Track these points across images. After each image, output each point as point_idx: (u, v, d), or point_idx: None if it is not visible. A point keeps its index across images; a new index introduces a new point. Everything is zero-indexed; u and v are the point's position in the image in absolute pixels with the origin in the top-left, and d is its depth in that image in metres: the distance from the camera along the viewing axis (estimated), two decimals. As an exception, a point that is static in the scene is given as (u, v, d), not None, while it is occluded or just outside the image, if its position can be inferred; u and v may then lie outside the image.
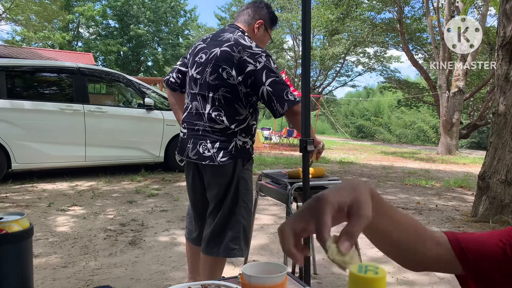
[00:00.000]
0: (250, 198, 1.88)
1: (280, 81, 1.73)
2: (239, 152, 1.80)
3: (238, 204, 1.82)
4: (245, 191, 1.84)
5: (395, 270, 2.78)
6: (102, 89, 13.91)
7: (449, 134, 13.80)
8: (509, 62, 4.22)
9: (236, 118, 1.78)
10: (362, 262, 0.54)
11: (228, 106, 1.77)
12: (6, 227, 0.84)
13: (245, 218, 1.84)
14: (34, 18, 17.21)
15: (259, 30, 1.90)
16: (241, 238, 1.82)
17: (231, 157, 1.78)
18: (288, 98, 1.73)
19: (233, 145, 1.79)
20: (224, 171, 1.81)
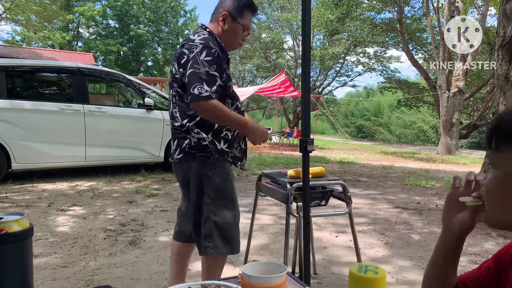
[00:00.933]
0: (223, 194, 1.78)
1: (198, 73, 1.62)
2: (194, 149, 1.75)
3: (204, 201, 1.77)
4: (213, 189, 1.76)
5: (395, 270, 2.79)
6: (102, 89, 13.91)
7: (449, 134, 13.80)
8: (509, 62, 4.22)
9: (187, 113, 1.74)
10: (362, 262, 0.54)
11: (181, 101, 1.76)
12: (6, 227, 0.84)
13: (217, 215, 1.76)
14: (34, 18, 17.21)
15: (225, 22, 1.79)
16: (214, 236, 1.76)
17: (185, 154, 1.75)
18: (193, 92, 1.60)
19: (187, 142, 1.76)
20: (181, 169, 1.81)
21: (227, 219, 1.78)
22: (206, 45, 1.67)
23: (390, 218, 4.29)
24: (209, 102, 1.61)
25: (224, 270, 2.67)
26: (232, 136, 1.82)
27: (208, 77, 1.63)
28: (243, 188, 5.72)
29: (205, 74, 1.63)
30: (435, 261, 0.84)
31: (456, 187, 0.81)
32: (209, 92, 1.60)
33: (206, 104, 1.61)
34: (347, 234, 3.56)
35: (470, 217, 0.77)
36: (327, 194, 2.29)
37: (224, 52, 1.81)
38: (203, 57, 1.65)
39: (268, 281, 0.84)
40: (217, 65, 1.67)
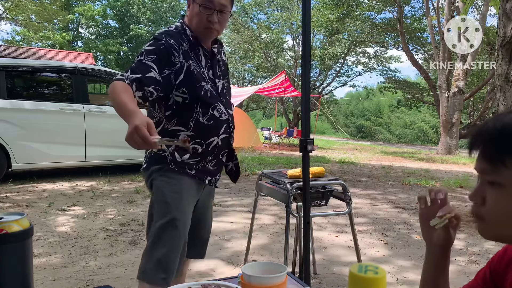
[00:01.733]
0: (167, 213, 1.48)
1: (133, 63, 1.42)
2: (153, 160, 1.55)
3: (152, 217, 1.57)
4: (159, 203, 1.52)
5: (395, 270, 2.79)
6: (102, 89, 13.91)
7: (449, 134, 13.80)
8: (509, 62, 4.22)
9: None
10: (362, 262, 0.54)
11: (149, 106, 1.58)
12: (6, 227, 0.84)
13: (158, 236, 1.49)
14: (34, 18, 17.21)
15: (190, 8, 1.53)
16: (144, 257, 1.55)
17: (147, 163, 1.58)
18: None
19: (148, 151, 1.58)
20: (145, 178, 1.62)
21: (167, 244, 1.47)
22: (156, 36, 1.47)
23: (390, 218, 4.29)
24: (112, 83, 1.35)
25: (224, 270, 2.68)
26: (205, 150, 1.54)
27: (136, 64, 1.39)
28: (243, 188, 5.72)
29: (136, 62, 1.40)
30: (426, 275, 0.87)
31: (423, 207, 0.84)
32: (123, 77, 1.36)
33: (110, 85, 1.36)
34: (347, 234, 3.56)
35: (444, 234, 0.80)
36: (327, 194, 2.29)
37: (199, 44, 1.54)
38: (146, 46, 1.44)
39: (268, 281, 0.84)
40: (159, 56, 1.40)
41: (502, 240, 0.74)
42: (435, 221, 0.78)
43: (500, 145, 0.66)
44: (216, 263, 2.80)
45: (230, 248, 3.14)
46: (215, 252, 3.00)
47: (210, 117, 1.53)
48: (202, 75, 1.52)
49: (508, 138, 0.65)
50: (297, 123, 21.89)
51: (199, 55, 1.54)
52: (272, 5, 25.21)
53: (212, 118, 1.53)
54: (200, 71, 1.51)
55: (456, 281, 2.62)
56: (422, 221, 0.85)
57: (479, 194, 0.70)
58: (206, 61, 1.56)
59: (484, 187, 0.69)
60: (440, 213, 0.78)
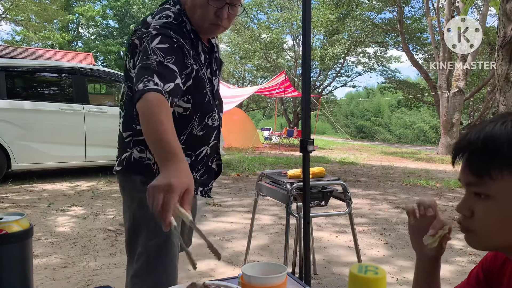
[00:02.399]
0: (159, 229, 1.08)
1: (146, 65, 1.08)
2: (133, 166, 1.34)
3: (138, 233, 1.30)
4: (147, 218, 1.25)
5: (395, 270, 2.79)
6: (102, 89, 13.91)
7: (449, 134, 13.80)
8: (509, 62, 4.22)
9: (132, 125, 1.33)
10: (362, 262, 0.54)
11: (128, 106, 1.34)
12: (6, 227, 0.84)
13: (151, 255, 1.27)
14: (34, 18, 17.22)
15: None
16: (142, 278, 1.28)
17: (122, 168, 1.38)
18: (138, 87, 1.03)
19: (126, 155, 1.37)
20: (118, 182, 1.42)
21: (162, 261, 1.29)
22: (162, 31, 1.16)
23: (390, 218, 4.29)
24: (149, 94, 1.01)
25: (224, 270, 2.68)
26: (194, 161, 1.35)
27: (160, 67, 1.08)
28: (243, 188, 5.72)
29: (158, 65, 1.08)
30: (418, 277, 0.86)
31: (412, 221, 0.83)
32: (159, 87, 1.03)
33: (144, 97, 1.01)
34: (347, 234, 3.56)
35: (436, 247, 0.79)
36: (327, 194, 2.29)
37: (198, 40, 1.29)
38: (156, 44, 1.12)
39: (268, 282, 0.84)
40: (176, 57, 1.13)
41: (491, 249, 0.74)
42: (428, 240, 0.77)
43: (485, 157, 0.65)
44: (216, 263, 2.80)
45: (230, 248, 3.14)
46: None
47: (204, 127, 1.34)
48: (204, 78, 1.30)
49: (492, 150, 0.64)
50: (297, 123, 21.88)
51: (199, 53, 1.29)
52: (272, 5, 25.20)
53: (205, 127, 1.35)
54: (202, 73, 1.29)
55: (456, 281, 2.62)
56: (412, 232, 0.84)
57: (467, 207, 0.69)
58: (205, 58, 1.32)
59: (471, 199, 0.69)
60: (432, 231, 0.76)
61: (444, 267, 2.86)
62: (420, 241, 0.79)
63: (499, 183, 0.64)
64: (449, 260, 3.01)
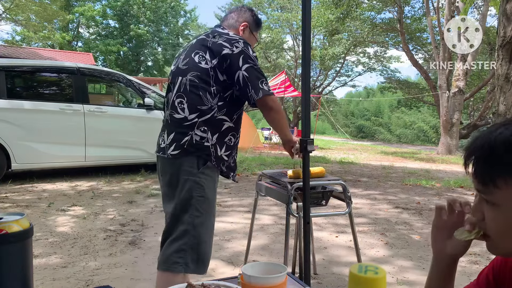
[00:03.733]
0: (208, 209, 1.61)
1: (257, 69, 1.65)
2: (193, 148, 1.58)
3: (188, 212, 1.56)
4: (200, 199, 1.58)
5: (395, 270, 2.79)
6: (102, 89, 13.91)
7: (449, 134, 13.80)
8: (509, 62, 4.21)
9: (197, 107, 1.60)
10: (362, 262, 0.54)
11: (192, 92, 1.61)
12: (6, 227, 0.84)
13: (197, 229, 1.56)
14: (34, 18, 17.21)
15: (244, 32, 1.86)
16: (188, 252, 1.55)
17: (182, 151, 1.58)
18: (263, 87, 1.63)
19: (187, 138, 1.58)
20: (172, 167, 1.61)
21: (206, 236, 1.60)
22: (245, 40, 1.70)
23: (390, 218, 4.29)
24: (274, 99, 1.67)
25: (224, 270, 2.68)
26: (234, 143, 1.73)
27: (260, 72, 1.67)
28: (243, 188, 5.72)
29: (259, 69, 1.66)
30: (432, 283, 0.84)
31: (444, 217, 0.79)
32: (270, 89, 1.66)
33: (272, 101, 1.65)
34: (347, 234, 3.56)
35: (463, 245, 0.75)
36: (327, 194, 2.29)
37: None
38: (252, 53, 1.66)
39: (268, 281, 0.84)
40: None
41: (509, 255, 0.71)
42: (463, 234, 0.72)
43: (488, 165, 0.65)
44: (216, 263, 2.80)
45: (230, 248, 3.14)
46: (215, 253, 2.99)
47: (242, 116, 1.79)
48: None
49: (496, 159, 0.63)
50: (297, 123, 21.87)
51: None
52: (272, 5, 25.19)
53: (241, 117, 1.78)
54: None
55: (456, 281, 2.62)
56: (437, 230, 0.80)
57: (479, 210, 0.69)
58: None
59: (482, 204, 0.68)
60: (469, 227, 0.72)
61: (444, 267, 2.86)
62: (443, 239, 0.77)
63: (504, 192, 0.63)
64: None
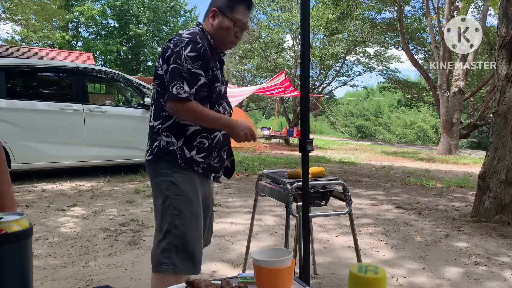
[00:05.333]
0: (188, 206, 1.61)
1: (179, 69, 1.50)
2: (162, 153, 1.62)
3: (168, 211, 1.59)
4: (177, 197, 1.59)
5: (395, 270, 2.79)
6: (102, 89, 13.91)
7: (449, 134, 13.80)
8: (509, 62, 4.22)
9: (160, 114, 1.63)
10: (362, 262, 0.54)
11: (157, 100, 1.64)
12: (6, 227, 0.84)
13: (178, 228, 1.57)
14: (34, 17, 17.20)
15: (214, 19, 1.66)
16: (173, 251, 1.57)
17: (154, 156, 1.64)
18: (171, 90, 1.49)
19: (157, 144, 1.63)
20: (149, 171, 1.69)
21: (190, 235, 1.60)
22: (192, 39, 1.55)
23: (391, 218, 4.29)
24: (187, 105, 1.50)
25: (224, 270, 2.68)
26: (210, 144, 1.67)
27: (189, 75, 1.51)
28: (243, 188, 5.72)
29: (187, 71, 1.51)
30: None
31: None
32: (187, 93, 1.49)
33: (184, 107, 1.50)
34: (347, 234, 3.56)
35: None
36: (327, 194, 2.29)
37: (215, 52, 1.68)
38: (187, 52, 1.52)
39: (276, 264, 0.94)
40: (202, 62, 1.55)
41: None
42: None
43: None
44: (217, 263, 2.80)
45: (231, 249, 3.13)
46: (215, 253, 2.99)
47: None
48: (218, 77, 1.67)
49: None
50: (297, 123, 21.87)
51: (216, 59, 1.68)
52: (272, 5, 25.18)
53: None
54: (217, 73, 1.66)
55: (458, 282, 2.62)
56: None
57: None
58: (220, 65, 1.72)
59: None
60: None
61: (449, 269, 2.86)
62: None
63: None
64: (450, 260, 3.01)
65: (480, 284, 2.57)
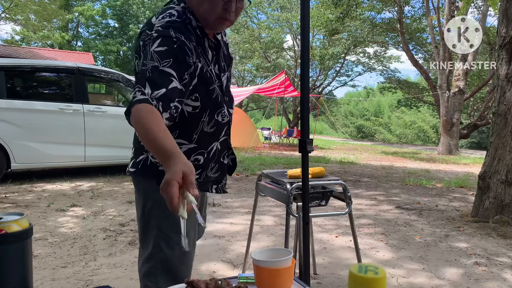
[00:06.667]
0: (173, 228, 1.31)
1: (142, 71, 1.11)
2: (147, 170, 1.32)
3: (152, 233, 1.35)
4: (161, 219, 1.32)
5: (395, 270, 2.79)
6: (102, 89, 13.91)
7: (450, 134, 13.80)
8: (509, 62, 4.22)
9: None
10: (362, 262, 0.54)
11: None
12: (5, 227, 0.84)
13: (165, 252, 1.34)
14: (34, 17, 17.21)
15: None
16: (158, 276, 1.34)
17: (137, 171, 1.35)
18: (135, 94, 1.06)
19: (142, 158, 1.32)
20: (133, 182, 1.42)
21: (177, 260, 1.37)
22: (163, 32, 1.15)
23: (391, 218, 4.29)
24: (135, 108, 1.02)
25: (224, 270, 2.68)
26: (206, 159, 1.37)
27: (153, 73, 1.09)
28: (243, 188, 5.72)
29: (152, 70, 1.09)
30: None
31: None
32: (146, 96, 1.04)
33: (132, 111, 1.02)
34: (347, 235, 3.56)
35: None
36: (327, 194, 2.29)
37: (205, 36, 1.28)
38: (156, 47, 1.12)
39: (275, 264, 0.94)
40: (175, 58, 1.13)
41: None
42: None
43: None
44: (217, 263, 2.80)
45: (231, 249, 3.13)
46: (215, 253, 2.99)
47: (214, 124, 1.35)
48: (211, 74, 1.28)
49: None
50: (297, 123, 21.87)
51: (205, 49, 1.28)
52: (272, 5, 25.19)
53: (215, 124, 1.35)
54: (209, 70, 1.27)
55: (458, 282, 2.62)
56: None
57: None
58: (212, 54, 1.31)
59: None
60: None
61: (449, 269, 2.86)
62: None
63: None
64: (450, 261, 3.01)
65: (480, 284, 2.57)
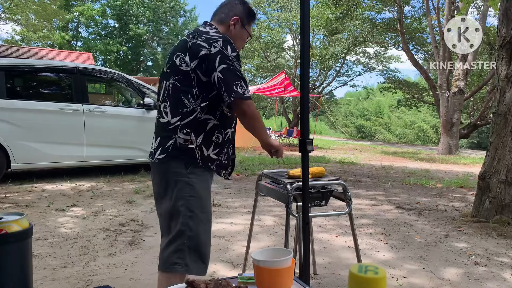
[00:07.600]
0: (201, 207, 1.62)
1: (233, 70, 1.56)
2: (178, 151, 1.59)
3: (181, 213, 1.59)
4: (191, 198, 1.59)
5: (395, 270, 2.78)
6: (102, 89, 13.91)
7: (449, 134, 13.80)
8: (509, 62, 4.22)
9: (180, 110, 1.60)
10: (362, 263, 0.54)
11: (174, 96, 1.62)
12: (5, 227, 0.84)
13: (193, 229, 1.59)
14: (34, 17, 17.21)
15: (235, 27, 1.76)
16: (186, 252, 1.58)
17: (167, 155, 1.60)
18: (237, 89, 1.55)
19: (172, 142, 1.60)
20: (160, 170, 1.64)
21: (203, 235, 1.62)
22: (226, 38, 1.61)
23: (391, 218, 4.29)
24: (252, 104, 1.59)
25: (224, 270, 2.67)
26: (222, 140, 1.69)
27: (240, 73, 1.59)
28: (243, 188, 5.72)
29: (239, 72, 1.59)
30: None
31: None
32: (248, 92, 1.59)
33: (250, 106, 1.58)
34: (347, 235, 3.56)
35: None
36: (327, 194, 2.29)
37: None
38: (231, 53, 1.58)
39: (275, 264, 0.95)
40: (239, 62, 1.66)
41: None
42: None
43: None
44: (217, 263, 2.80)
45: (231, 249, 3.13)
46: (215, 253, 2.99)
47: (229, 110, 1.70)
48: None
49: None
50: (297, 123, 21.87)
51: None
52: (272, 5, 25.19)
53: (225, 112, 1.70)
54: None
55: (458, 282, 2.62)
56: None
57: None
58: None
59: None
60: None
61: (449, 269, 2.86)
62: None
63: None
64: (450, 261, 3.01)
65: (480, 284, 2.57)
